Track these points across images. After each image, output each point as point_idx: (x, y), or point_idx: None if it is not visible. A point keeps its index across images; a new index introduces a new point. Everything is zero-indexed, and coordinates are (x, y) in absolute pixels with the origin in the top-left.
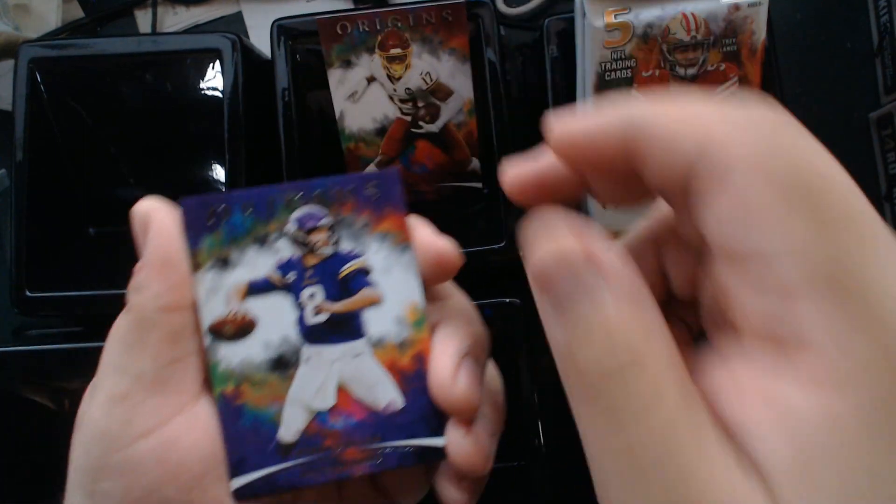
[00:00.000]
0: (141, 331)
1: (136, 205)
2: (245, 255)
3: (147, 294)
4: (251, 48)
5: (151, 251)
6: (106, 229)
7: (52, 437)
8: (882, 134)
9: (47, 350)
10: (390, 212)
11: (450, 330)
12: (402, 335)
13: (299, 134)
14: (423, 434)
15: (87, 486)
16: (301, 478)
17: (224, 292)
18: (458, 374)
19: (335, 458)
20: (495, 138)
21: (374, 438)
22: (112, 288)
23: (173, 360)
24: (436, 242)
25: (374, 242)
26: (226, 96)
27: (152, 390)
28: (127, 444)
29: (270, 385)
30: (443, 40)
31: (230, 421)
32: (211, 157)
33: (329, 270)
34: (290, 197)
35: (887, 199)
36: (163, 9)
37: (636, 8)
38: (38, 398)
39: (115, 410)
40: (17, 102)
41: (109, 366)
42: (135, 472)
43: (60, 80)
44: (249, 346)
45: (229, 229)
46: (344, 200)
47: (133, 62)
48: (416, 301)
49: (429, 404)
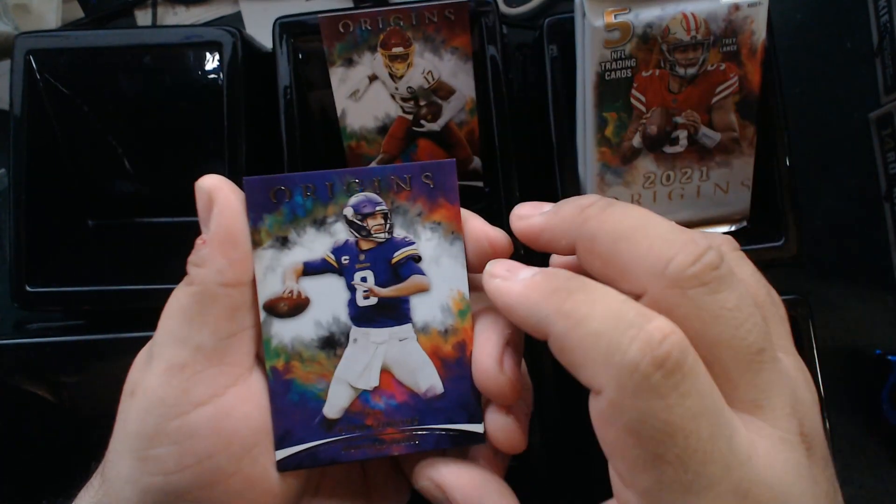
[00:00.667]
0: (202, 304)
1: (200, 179)
2: (303, 235)
3: (210, 269)
4: (252, 42)
5: (216, 228)
6: (105, 222)
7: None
8: (882, 134)
9: (47, 343)
10: (444, 202)
11: (492, 319)
12: (446, 323)
13: (301, 132)
14: (460, 420)
15: (139, 451)
16: (342, 453)
17: (281, 271)
18: (502, 362)
19: (375, 437)
20: (497, 138)
21: (414, 421)
22: (112, 282)
23: (231, 333)
24: (488, 231)
25: (426, 231)
26: (226, 89)
27: (210, 362)
28: (184, 413)
29: (319, 363)
30: (445, 39)
31: (279, 395)
32: (211, 151)
33: (382, 256)
34: (349, 181)
35: (887, 199)
36: (163, 9)
37: (636, 8)
38: (39, 391)
39: (174, 380)
40: (15, 94)
41: (169, 335)
42: (190, 439)
43: (59, 71)
44: (302, 324)
45: (290, 210)
46: (400, 189)
47: (133, 54)
48: (462, 291)
49: (467, 391)
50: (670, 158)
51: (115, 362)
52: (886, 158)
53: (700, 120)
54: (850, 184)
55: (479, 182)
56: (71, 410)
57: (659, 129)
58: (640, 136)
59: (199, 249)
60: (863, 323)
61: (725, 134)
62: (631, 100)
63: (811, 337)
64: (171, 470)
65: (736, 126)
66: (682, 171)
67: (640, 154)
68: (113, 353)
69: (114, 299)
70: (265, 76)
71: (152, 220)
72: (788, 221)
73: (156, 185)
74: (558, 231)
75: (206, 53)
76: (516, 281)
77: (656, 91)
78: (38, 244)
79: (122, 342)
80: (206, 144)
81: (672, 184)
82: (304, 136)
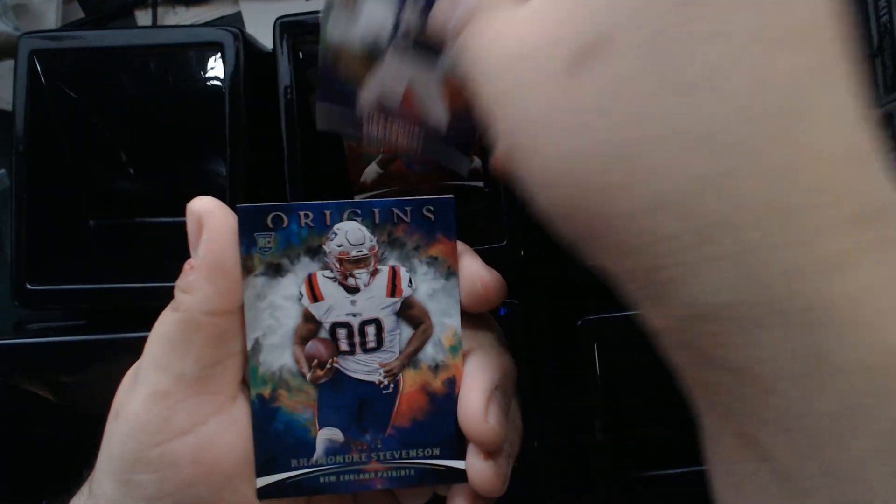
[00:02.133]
0: (187, 331)
1: (191, 202)
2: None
3: (196, 296)
4: (253, 41)
5: (204, 254)
6: (106, 222)
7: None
8: (882, 134)
9: (47, 343)
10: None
11: (482, 362)
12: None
13: (302, 131)
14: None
15: (120, 475)
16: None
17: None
18: (488, 410)
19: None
20: None
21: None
22: (113, 281)
23: (215, 361)
24: (482, 273)
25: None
26: (227, 89)
27: (193, 390)
28: (165, 441)
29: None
30: None
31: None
32: (212, 151)
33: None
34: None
35: None
36: (163, 9)
37: None
38: (39, 391)
39: (156, 407)
40: (18, 94)
41: (152, 362)
42: (171, 468)
43: (61, 71)
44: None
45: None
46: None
47: (134, 55)
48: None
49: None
50: None
51: (115, 362)
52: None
53: None
54: None
55: (479, 182)
56: (71, 410)
57: None
58: None
59: (186, 275)
60: None
61: None
62: None
63: None
64: (153, 496)
65: None
66: None
67: None
68: (113, 353)
69: (114, 297)
70: (266, 76)
71: (153, 220)
72: None
73: (156, 185)
74: None
75: (208, 54)
76: None
77: None
78: (38, 243)
79: (122, 342)
80: (207, 144)
81: None
82: (305, 136)
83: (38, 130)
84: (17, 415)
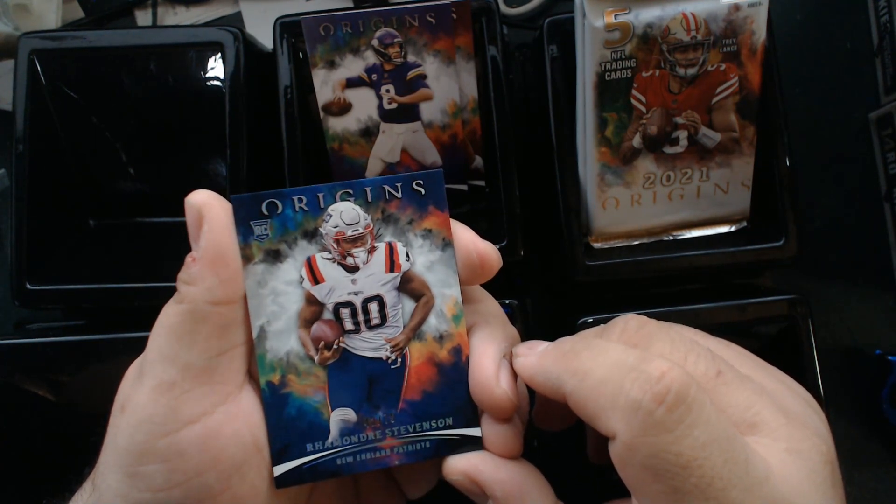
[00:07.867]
0: (192, 322)
1: (190, 195)
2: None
3: (200, 287)
4: (253, 41)
5: (206, 245)
6: (106, 222)
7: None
8: (882, 134)
9: (47, 343)
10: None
11: (487, 332)
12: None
13: (302, 131)
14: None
15: (128, 468)
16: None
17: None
18: (499, 376)
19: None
20: (497, 137)
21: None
22: (113, 280)
23: (221, 351)
24: (477, 244)
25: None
26: (227, 89)
27: (199, 380)
28: (173, 431)
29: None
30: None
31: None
32: (212, 151)
33: (399, 74)
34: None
35: (887, 199)
36: (163, 9)
37: (636, 8)
38: (39, 391)
39: (162, 398)
40: (18, 94)
41: (158, 353)
42: (179, 458)
43: (61, 71)
44: (347, 121)
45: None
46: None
47: (135, 55)
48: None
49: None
50: (670, 159)
51: (115, 362)
52: (886, 159)
53: (700, 120)
54: (850, 184)
55: (482, 181)
56: (71, 410)
57: (659, 129)
58: (641, 137)
59: (189, 267)
60: (863, 323)
61: (725, 134)
62: (631, 100)
63: (811, 337)
64: (160, 487)
65: (736, 126)
66: (682, 171)
67: (640, 154)
68: (113, 353)
69: (114, 297)
70: (266, 76)
71: (153, 219)
72: (788, 221)
73: (157, 185)
74: (540, 376)
75: (208, 53)
76: (533, 354)
77: (656, 91)
78: (38, 243)
79: (122, 342)
80: (207, 144)
81: (672, 184)
82: (305, 135)
83: (38, 130)
84: (17, 415)
